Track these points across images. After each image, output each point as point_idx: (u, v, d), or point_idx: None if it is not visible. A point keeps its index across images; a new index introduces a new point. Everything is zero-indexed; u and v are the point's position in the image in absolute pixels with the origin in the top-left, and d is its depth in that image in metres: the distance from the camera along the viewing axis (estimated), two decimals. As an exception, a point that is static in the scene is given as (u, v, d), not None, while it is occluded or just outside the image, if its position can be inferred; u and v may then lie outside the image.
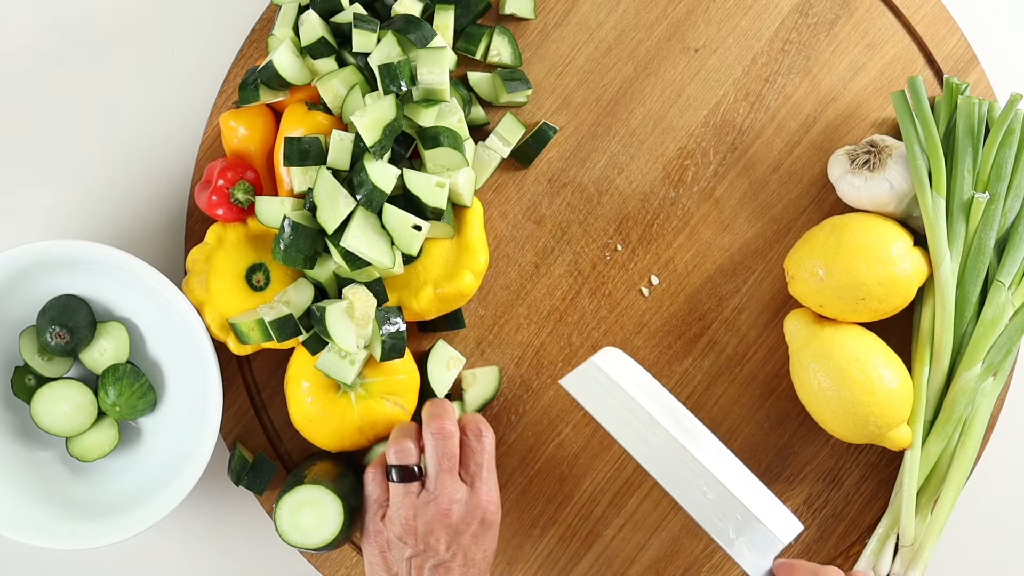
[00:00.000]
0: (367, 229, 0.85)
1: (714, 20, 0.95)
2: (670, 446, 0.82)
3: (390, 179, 0.85)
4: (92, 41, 0.98)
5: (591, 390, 0.84)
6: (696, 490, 0.81)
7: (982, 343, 0.88)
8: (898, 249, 0.87)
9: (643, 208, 0.95)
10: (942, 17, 0.95)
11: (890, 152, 0.89)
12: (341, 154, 0.86)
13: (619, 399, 0.84)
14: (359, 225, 0.85)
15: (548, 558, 0.95)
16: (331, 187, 0.85)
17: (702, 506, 0.81)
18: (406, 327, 0.88)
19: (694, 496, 0.81)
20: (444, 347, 0.93)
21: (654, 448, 0.82)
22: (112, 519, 0.90)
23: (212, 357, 0.87)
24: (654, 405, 0.84)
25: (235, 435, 0.95)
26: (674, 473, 0.82)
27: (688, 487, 0.81)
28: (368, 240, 0.85)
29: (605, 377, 0.84)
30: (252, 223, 0.90)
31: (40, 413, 0.91)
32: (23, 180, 0.98)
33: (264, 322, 0.86)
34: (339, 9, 0.90)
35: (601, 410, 0.84)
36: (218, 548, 0.98)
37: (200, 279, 0.89)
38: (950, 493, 0.89)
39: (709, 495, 0.81)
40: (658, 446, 0.82)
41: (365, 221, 0.85)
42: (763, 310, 0.95)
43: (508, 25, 0.95)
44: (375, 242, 0.85)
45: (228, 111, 0.91)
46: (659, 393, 0.86)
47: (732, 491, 0.81)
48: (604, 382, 0.84)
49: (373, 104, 0.85)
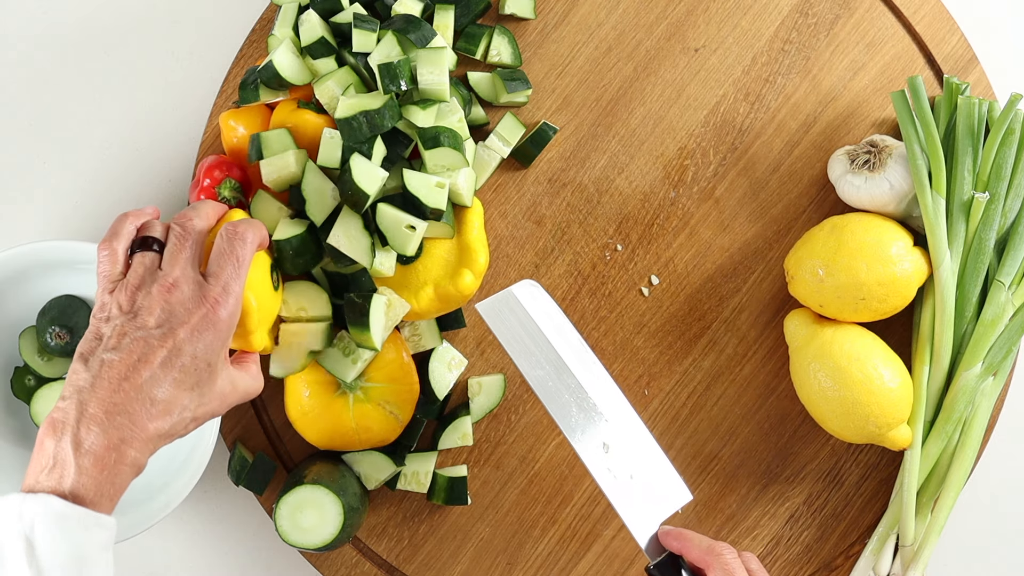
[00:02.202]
0: (350, 228, 0.85)
1: (714, 20, 0.95)
2: (573, 390, 0.81)
3: (375, 180, 0.84)
4: (92, 41, 0.98)
5: (504, 319, 0.82)
6: (593, 439, 0.80)
7: (982, 343, 0.88)
8: (898, 249, 0.87)
9: (643, 208, 0.95)
10: (942, 17, 0.95)
11: (890, 152, 0.89)
12: (331, 152, 0.86)
13: (531, 333, 0.82)
14: (342, 224, 0.85)
15: (548, 558, 0.95)
16: (319, 182, 0.86)
17: (596, 457, 0.80)
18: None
19: (589, 445, 0.80)
20: (447, 348, 0.93)
21: (556, 390, 0.81)
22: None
23: (212, 357, 0.87)
24: (565, 346, 0.82)
25: (235, 435, 0.95)
26: (572, 418, 0.80)
27: (585, 435, 0.80)
28: (349, 240, 0.85)
29: (520, 308, 0.82)
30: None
31: (40, 413, 0.91)
32: (23, 180, 0.98)
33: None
34: (339, 9, 0.90)
35: (511, 341, 0.82)
36: (218, 548, 0.98)
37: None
38: (950, 493, 0.89)
39: (607, 446, 0.80)
40: (561, 389, 0.81)
41: (348, 220, 0.85)
42: (763, 310, 0.95)
43: (508, 25, 0.95)
44: (356, 242, 0.85)
45: (228, 111, 0.91)
46: (571, 335, 0.84)
47: (627, 447, 0.80)
48: (519, 313, 0.82)
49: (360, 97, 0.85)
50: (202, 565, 0.98)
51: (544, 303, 0.84)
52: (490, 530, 0.95)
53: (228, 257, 0.77)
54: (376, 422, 0.89)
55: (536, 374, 0.81)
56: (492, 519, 0.95)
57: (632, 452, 0.81)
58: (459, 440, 0.93)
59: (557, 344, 0.81)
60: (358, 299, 0.86)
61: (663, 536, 0.80)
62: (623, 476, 0.80)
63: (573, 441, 0.80)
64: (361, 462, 0.92)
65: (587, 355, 0.83)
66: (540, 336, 0.81)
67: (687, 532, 0.79)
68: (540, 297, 0.84)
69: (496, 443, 0.95)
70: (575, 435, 0.80)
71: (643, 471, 0.81)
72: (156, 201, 0.97)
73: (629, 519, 0.80)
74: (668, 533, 0.80)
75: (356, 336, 0.86)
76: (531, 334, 0.82)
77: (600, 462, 0.80)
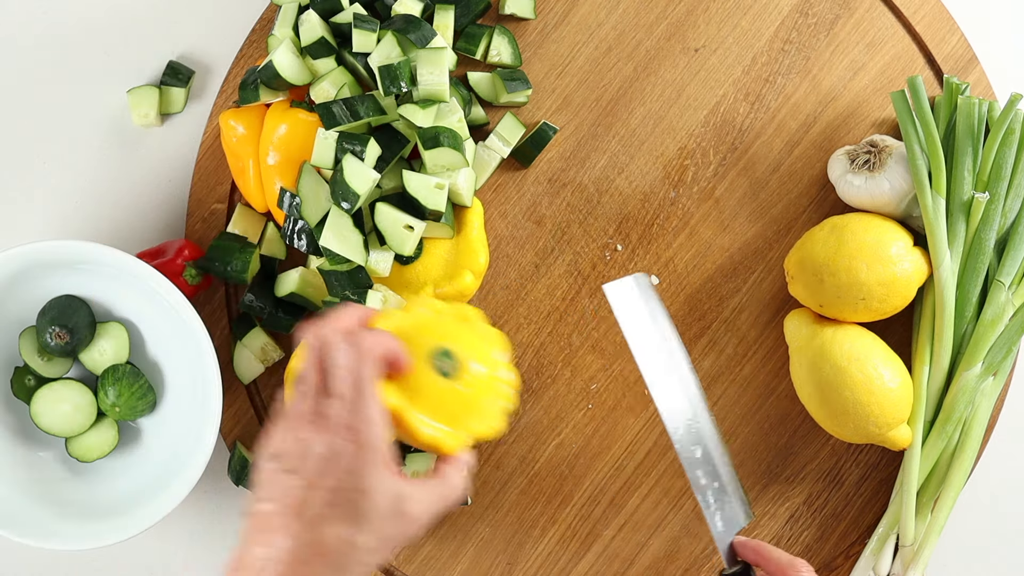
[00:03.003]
0: (340, 227, 0.85)
1: (714, 20, 0.95)
2: (684, 387, 0.83)
3: (366, 181, 0.84)
4: (92, 41, 0.98)
5: (630, 303, 0.82)
6: (691, 439, 0.82)
7: (982, 343, 0.88)
8: (898, 249, 0.87)
9: (643, 208, 0.95)
10: (942, 17, 0.95)
11: (890, 152, 0.89)
12: (324, 152, 0.86)
13: (657, 322, 0.83)
14: (332, 224, 0.85)
15: (548, 558, 0.95)
16: (314, 183, 0.86)
17: (692, 459, 0.82)
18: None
19: (688, 445, 0.82)
20: (444, 347, 0.93)
21: (667, 384, 0.82)
22: (112, 519, 0.90)
23: (212, 357, 0.87)
24: (675, 342, 0.84)
25: (235, 435, 0.95)
26: (677, 416, 0.82)
27: (687, 435, 0.82)
28: (341, 239, 0.85)
29: (651, 294, 0.83)
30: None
31: (40, 413, 0.91)
32: (23, 180, 0.98)
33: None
34: (339, 9, 0.90)
35: (633, 326, 0.82)
36: (218, 548, 0.98)
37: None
38: (950, 493, 0.89)
39: (697, 453, 0.82)
40: (672, 383, 0.82)
41: (338, 219, 0.85)
42: (763, 310, 0.95)
43: (508, 25, 0.95)
44: (347, 240, 0.85)
45: (228, 111, 0.91)
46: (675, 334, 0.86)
47: (714, 454, 0.82)
48: (649, 298, 0.83)
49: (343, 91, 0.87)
50: (202, 565, 0.98)
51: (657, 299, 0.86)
52: (490, 530, 0.95)
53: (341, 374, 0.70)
54: (376, 422, 0.89)
55: (650, 361, 0.82)
56: (492, 519, 0.95)
57: (717, 460, 0.83)
58: (459, 440, 0.93)
59: (671, 337, 0.83)
60: (353, 296, 0.86)
61: (740, 546, 0.82)
62: (711, 482, 0.82)
63: (675, 438, 0.81)
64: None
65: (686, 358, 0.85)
66: (665, 324, 0.83)
67: (765, 545, 0.81)
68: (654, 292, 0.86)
69: (496, 443, 0.95)
70: (678, 432, 0.82)
71: (724, 481, 0.83)
72: (155, 201, 0.97)
73: (714, 525, 0.82)
74: (745, 544, 0.82)
75: None
76: (656, 320, 0.83)
77: (695, 464, 0.82)
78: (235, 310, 0.95)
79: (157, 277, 0.87)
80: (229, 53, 0.97)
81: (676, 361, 0.83)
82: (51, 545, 0.88)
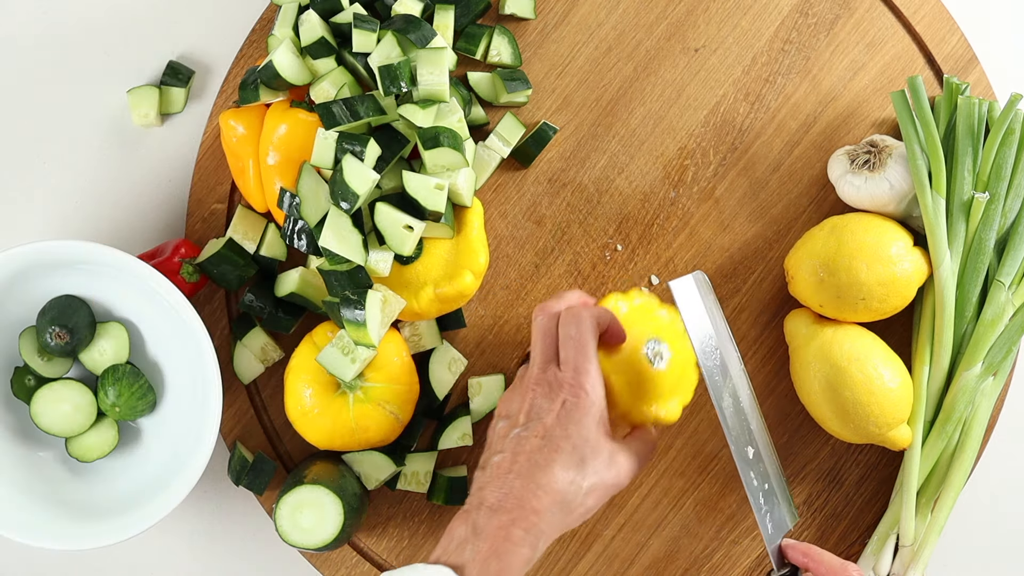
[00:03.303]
0: (339, 227, 0.85)
1: (714, 20, 0.95)
2: (739, 384, 0.84)
3: (366, 181, 0.84)
4: (92, 41, 0.98)
5: (695, 298, 0.83)
6: (743, 440, 0.83)
7: (982, 343, 0.88)
8: (898, 249, 0.87)
9: (643, 208, 0.95)
10: (942, 17, 0.95)
11: (890, 152, 0.89)
12: (324, 152, 0.86)
13: (714, 318, 0.84)
14: (331, 224, 0.85)
15: (548, 558, 0.95)
16: (314, 183, 0.86)
17: (746, 460, 0.83)
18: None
19: (742, 446, 0.83)
20: (447, 349, 0.93)
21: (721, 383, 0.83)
22: (112, 519, 0.90)
23: (212, 357, 0.87)
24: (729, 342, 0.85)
25: (235, 435, 0.95)
26: (730, 418, 0.82)
27: (741, 436, 0.83)
28: (340, 239, 0.85)
29: (711, 293, 0.84)
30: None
31: (40, 413, 0.91)
32: (23, 180, 0.98)
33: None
34: (339, 9, 0.90)
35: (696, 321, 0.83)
36: (218, 548, 0.98)
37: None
38: (950, 493, 0.89)
39: (750, 454, 0.83)
40: (726, 383, 0.83)
41: (337, 219, 0.85)
42: (763, 310, 0.95)
43: (508, 25, 0.95)
44: (347, 240, 0.85)
45: (228, 111, 0.91)
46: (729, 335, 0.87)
47: (765, 457, 0.84)
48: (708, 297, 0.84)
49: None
50: (202, 564, 0.98)
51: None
52: (490, 530, 0.95)
53: (567, 342, 0.80)
54: (376, 422, 0.89)
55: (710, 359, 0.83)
56: (492, 519, 0.95)
57: (767, 462, 0.84)
58: (459, 440, 0.93)
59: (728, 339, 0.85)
60: (353, 295, 0.86)
61: (788, 549, 0.84)
62: (762, 484, 0.83)
63: (730, 438, 0.82)
64: (361, 462, 0.92)
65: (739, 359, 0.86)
66: (721, 324, 0.84)
67: (816, 548, 0.83)
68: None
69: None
70: (733, 433, 0.82)
71: (774, 484, 0.84)
72: (155, 201, 0.97)
73: (764, 528, 0.83)
74: (795, 547, 0.83)
75: (353, 333, 0.86)
76: (714, 319, 0.84)
77: (748, 464, 0.83)
78: (235, 310, 0.95)
79: (157, 277, 0.87)
80: (229, 53, 0.97)
81: (732, 362, 0.85)
82: (51, 545, 0.88)
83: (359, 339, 0.86)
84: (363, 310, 0.85)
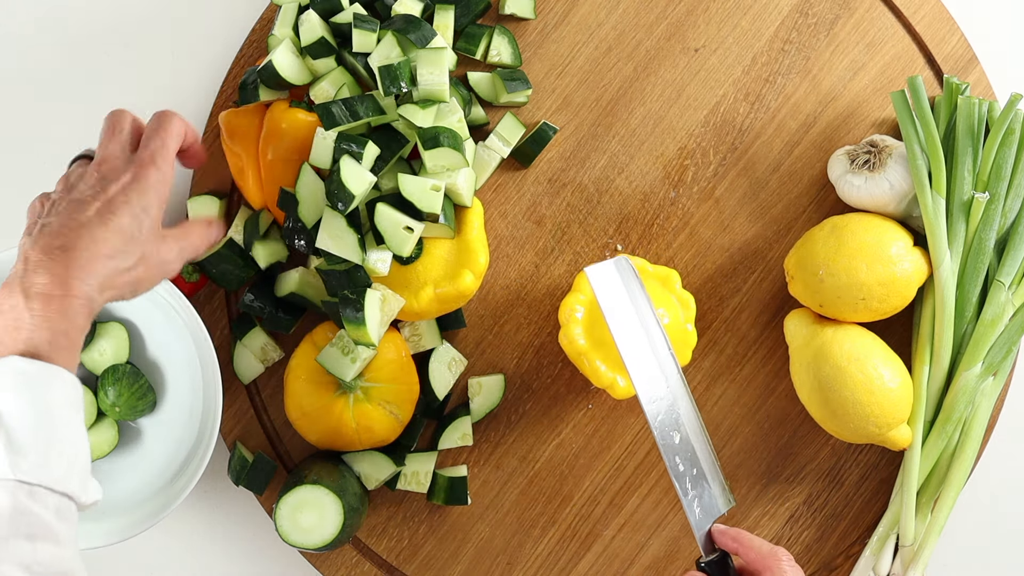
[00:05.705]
0: (334, 228, 0.85)
1: (714, 20, 0.95)
2: (665, 369, 0.82)
3: (363, 183, 0.84)
4: (92, 41, 0.98)
5: (611, 282, 0.83)
6: (669, 425, 0.81)
7: (982, 343, 0.88)
8: (898, 249, 0.87)
9: (643, 208, 0.95)
10: (942, 17, 0.95)
11: (890, 152, 0.89)
12: (322, 153, 0.86)
13: (636, 301, 0.83)
14: (327, 225, 0.85)
15: (548, 558, 0.95)
16: (313, 184, 0.86)
17: (670, 445, 0.81)
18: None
19: (667, 431, 0.81)
20: (447, 349, 0.93)
21: (647, 365, 0.82)
22: (112, 519, 0.90)
23: (212, 357, 0.87)
24: (655, 325, 0.83)
25: (235, 435, 0.95)
26: (656, 402, 0.81)
27: (666, 420, 0.81)
28: (336, 240, 0.85)
29: (632, 276, 0.83)
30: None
31: (40, 413, 0.91)
32: (23, 180, 0.98)
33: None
34: (339, 9, 0.90)
35: (613, 308, 0.82)
36: (218, 548, 0.98)
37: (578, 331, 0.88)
38: (950, 493, 0.89)
39: (675, 439, 0.81)
40: (651, 364, 0.82)
41: (332, 220, 0.85)
42: (763, 310, 0.95)
43: (508, 25, 0.95)
44: (343, 240, 0.85)
45: (228, 111, 0.91)
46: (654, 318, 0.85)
47: (694, 441, 0.82)
48: (629, 281, 0.83)
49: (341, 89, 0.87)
50: (202, 565, 0.98)
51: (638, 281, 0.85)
52: (490, 530, 0.95)
53: (155, 133, 0.81)
54: (376, 422, 0.89)
55: (630, 344, 0.81)
56: (492, 519, 0.95)
57: (696, 448, 0.82)
58: (459, 440, 0.93)
59: (652, 321, 0.83)
60: (352, 295, 0.86)
61: (718, 534, 0.81)
62: (689, 469, 0.81)
63: (653, 424, 0.81)
64: (361, 462, 0.92)
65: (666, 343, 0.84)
66: (645, 307, 0.83)
67: (745, 533, 0.80)
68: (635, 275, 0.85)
69: (496, 443, 0.95)
70: (656, 418, 0.81)
71: (703, 468, 0.82)
72: (156, 201, 0.97)
73: (691, 512, 0.81)
74: (725, 532, 0.81)
75: (352, 332, 0.86)
76: (636, 303, 0.83)
77: (673, 450, 0.81)
78: (235, 310, 0.95)
79: (157, 277, 0.87)
80: (229, 53, 0.97)
81: (656, 345, 0.83)
82: (51, 545, 0.88)
83: (358, 338, 0.86)
84: (362, 309, 0.85)
